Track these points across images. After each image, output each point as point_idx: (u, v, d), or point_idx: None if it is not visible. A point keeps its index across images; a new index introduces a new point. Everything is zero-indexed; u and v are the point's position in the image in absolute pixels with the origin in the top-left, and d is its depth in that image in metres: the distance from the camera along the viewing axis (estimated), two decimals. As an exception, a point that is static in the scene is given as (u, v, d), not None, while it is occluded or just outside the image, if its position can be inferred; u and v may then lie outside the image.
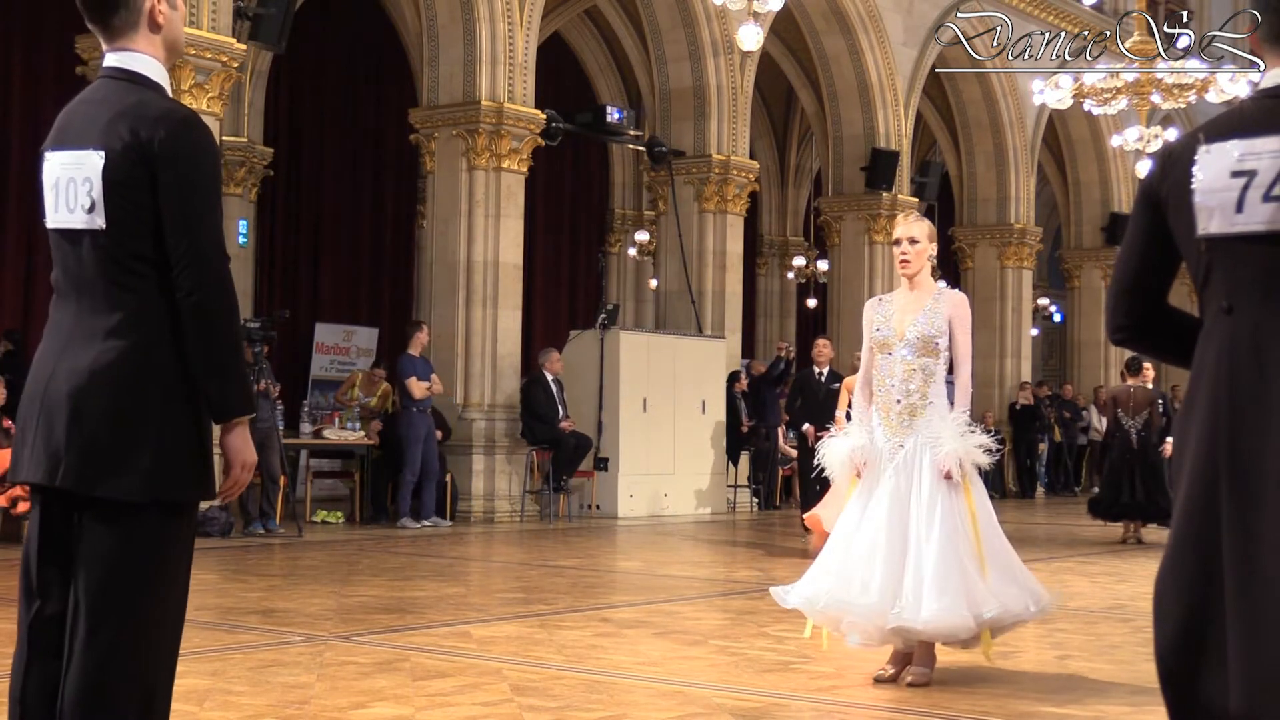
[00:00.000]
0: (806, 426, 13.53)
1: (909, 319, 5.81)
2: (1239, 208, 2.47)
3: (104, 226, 2.92)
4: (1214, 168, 2.50)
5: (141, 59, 3.03)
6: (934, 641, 5.65)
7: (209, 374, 2.95)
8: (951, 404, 5.78)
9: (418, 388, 13.46)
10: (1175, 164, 2.58)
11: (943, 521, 5.56)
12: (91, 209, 2.93)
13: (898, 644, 5.67)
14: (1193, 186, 2.52)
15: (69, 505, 2.96)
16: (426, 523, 13.42)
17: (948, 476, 5.61)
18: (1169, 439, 13.45)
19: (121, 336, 2.91)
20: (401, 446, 13.55)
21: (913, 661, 5.67)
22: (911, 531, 5.59)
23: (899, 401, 5.77)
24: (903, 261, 5.88)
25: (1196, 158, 2.53)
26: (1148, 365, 13.91)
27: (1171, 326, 2.72)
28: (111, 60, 3.05)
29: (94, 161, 2.92)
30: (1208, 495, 2.47)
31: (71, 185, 2.95)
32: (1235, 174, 2.47)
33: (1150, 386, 13.96)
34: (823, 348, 13.97)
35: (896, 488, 5.66)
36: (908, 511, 5.62)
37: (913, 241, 5.87)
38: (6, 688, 3.05)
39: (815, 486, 11.05)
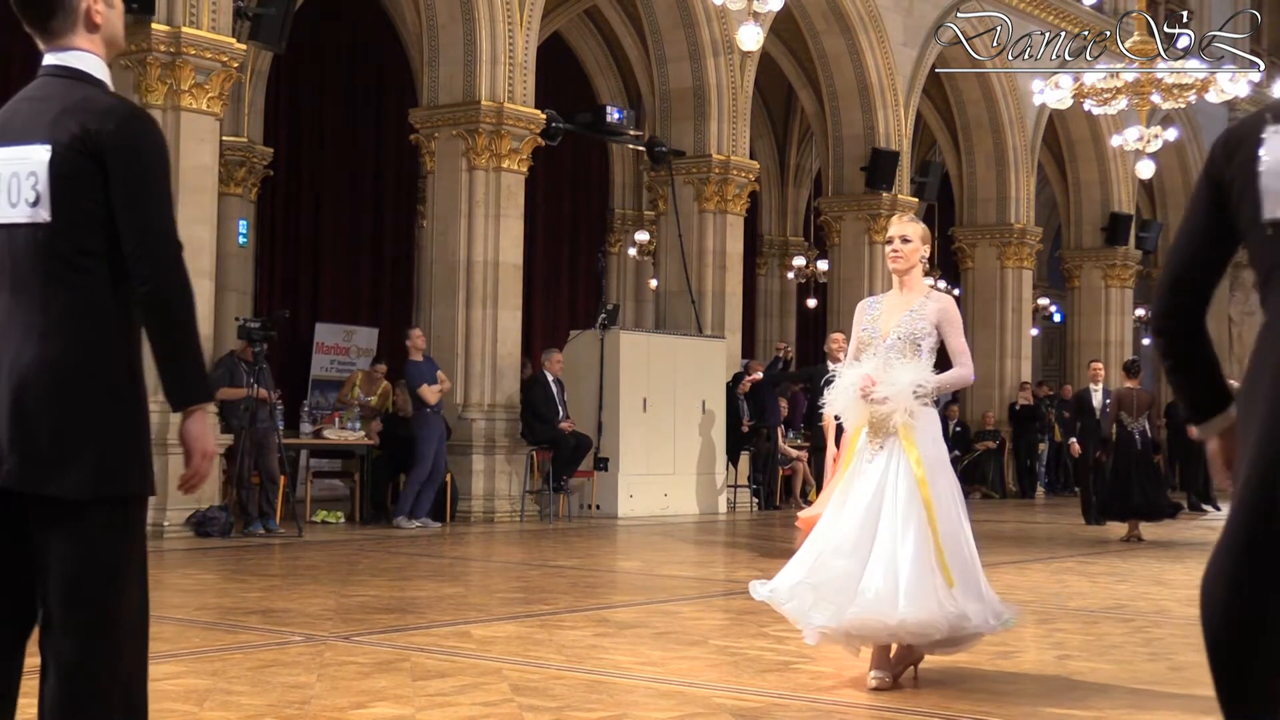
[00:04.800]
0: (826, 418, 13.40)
1: (895, 319, 5.81)
2: None
3: (49, 220, 2.90)
4: None
5: (83, 56, 3.02)
6: (907, 643, 5.61)
7: (166, 361, 2.94)
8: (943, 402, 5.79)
9: (430, 393, 13.50)
10: (1240, 146, 2.45)
11: (918, 523, 5.53)
12: (36, 202, 2.90)
13: (846, 644, 5.61)
14: (1259, 169, 2.39)
15: (17, 506, 2.92)
16: (416, 523, 13.40)
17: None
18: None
19: (63, 332, 2.89)
20: (413, 447, 13.56)
21: (893, 662, 5.63)
22: (884, 532, 5.55)
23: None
24: (893, 257, 5.90)
25: (1264, 137, 2.40)
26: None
27: (1200, 345, 2.59)
28: (52, 59, 3.03)
29: (40, 155, 2.90)
30: (1264, 491, 2.37)
31: (15, 180, 2.92)
32: None
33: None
34: (839, 342, 13.82)
35: (872, 487, 5.64)
36: (880, 512, 5.59)
37: (905, 240, 5.89)
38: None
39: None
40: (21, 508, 2.92)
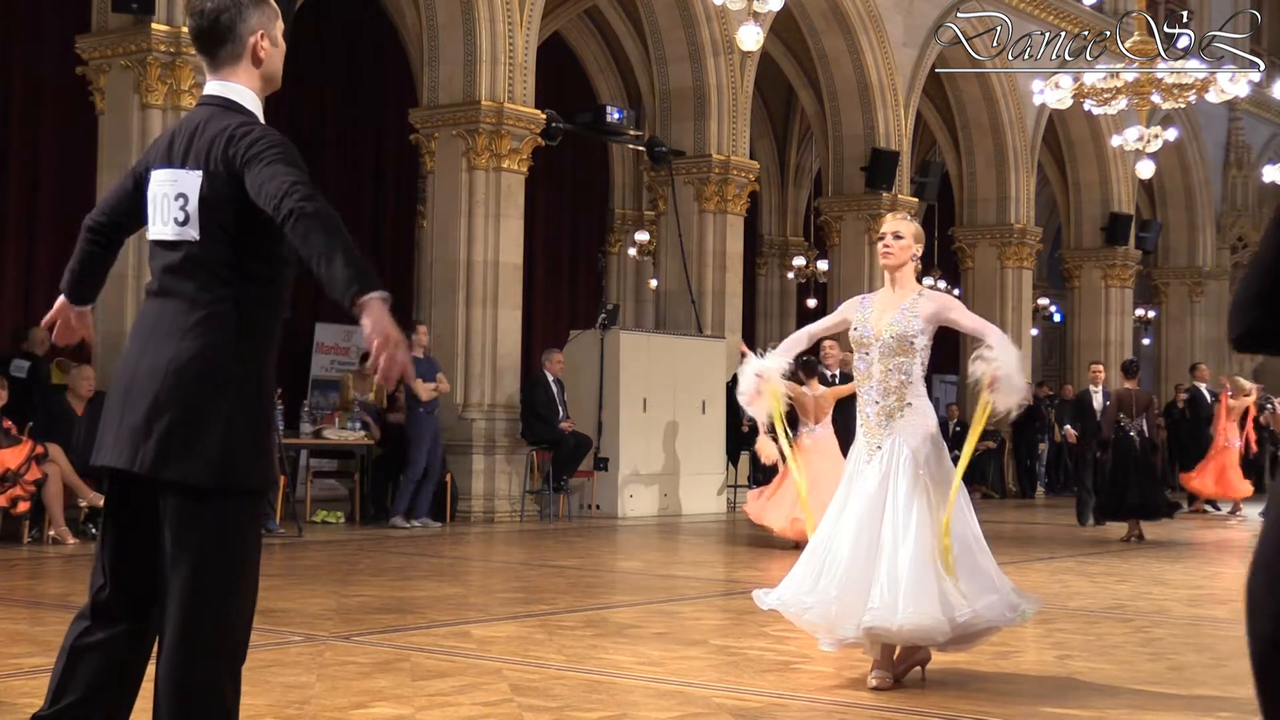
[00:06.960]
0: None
1: (887, 317, 5.80)
2: None
3: (197, 238, 3.22)
4: None
5: (238, 89, 3.34)
6: (908, 645, 5.61)
7: (327, 263, 3.10)
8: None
9: (423, 389, 13.44)
10: None
11: (918, 525, 5.52)
12: (185, 222, 3.23)
13: (868, 648, 5.61)
14: None
15: (148, 492, 3.18)
16: (416, 523, 13.39)
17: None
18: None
19: (198, 335, 3.18)
20: (406, 447, 13.54)
21: (896, 662, 5.64)
22: (886, 534, 5.54)
23: (877, 403, 5.75)
24: (885, 253, 5.89)
25: None
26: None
27: None
28: (212, 88, 3.35)
29: (191, 181, 3.22)
30: None
31: (166, 201, 3.25)
32: None
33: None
34: (830, 349, 13.73)
35: (872, 490, 5.63)
36: (882, 514, 5.58)
37: (897, 236, 5.88)
38: (6, 688, 3.06)
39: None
40: (152, 494, 3.18)
